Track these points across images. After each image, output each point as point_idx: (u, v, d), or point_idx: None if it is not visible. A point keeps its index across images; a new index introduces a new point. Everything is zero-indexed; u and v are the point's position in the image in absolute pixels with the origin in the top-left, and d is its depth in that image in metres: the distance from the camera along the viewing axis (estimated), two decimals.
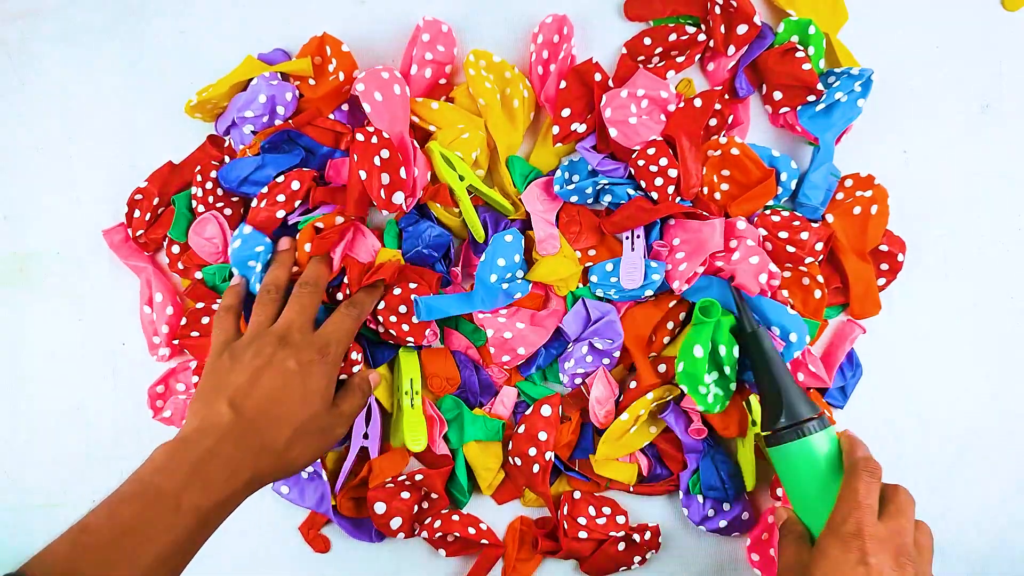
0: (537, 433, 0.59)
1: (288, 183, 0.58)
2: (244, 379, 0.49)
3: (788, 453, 0.53)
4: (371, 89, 0.57)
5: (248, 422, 0.47)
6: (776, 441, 0.53)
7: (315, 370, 0.50)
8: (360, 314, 0.55)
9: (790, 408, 0.53)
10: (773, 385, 0.54)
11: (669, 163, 0.57)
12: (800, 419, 0.52)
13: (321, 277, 0.56)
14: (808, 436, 0.52)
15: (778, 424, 0.53)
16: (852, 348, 0.61)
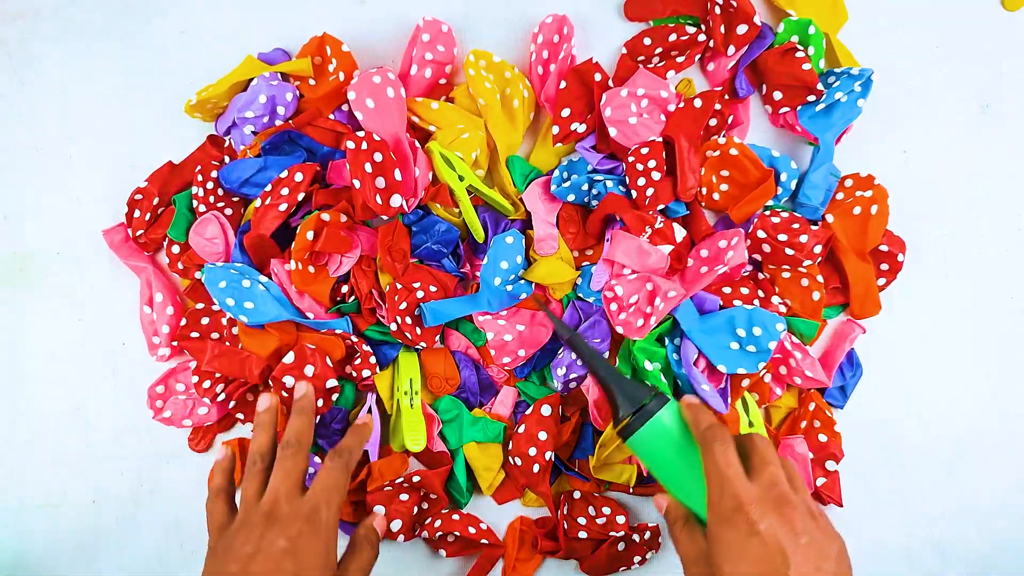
0: (537, 433, 0.59)
1: (292, 176, 0.58)
2: (236, 572, 0.47)
3: (641, 439, 0.52)
4: (362, 96, 0.58)
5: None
6: (628, 433, 0.52)
7: (307, 543, 0.48)
8: (348, 462, 0.53)
9: (626, 397, 0.53)
10: (604, 382, 0.54)
11: (658, 166, 0.57)
12: (639, 404, 0.52)
13: (303, 435, 0.53)
14: (653, 416, 0.51)
15: (620, 416, 0.53)
16: (852, 348, 0.61)
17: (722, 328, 0.57)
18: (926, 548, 0.62)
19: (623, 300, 0.57)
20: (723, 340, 0.57)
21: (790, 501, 0.45)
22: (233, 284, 0.57)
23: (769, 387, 0.59)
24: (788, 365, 0.59)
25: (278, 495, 0.49)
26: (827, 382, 0.59)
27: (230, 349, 0.60)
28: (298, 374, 0.57)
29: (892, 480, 0.60)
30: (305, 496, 0.50)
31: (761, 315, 0.56)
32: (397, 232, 0.59)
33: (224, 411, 0.63)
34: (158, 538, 0.65)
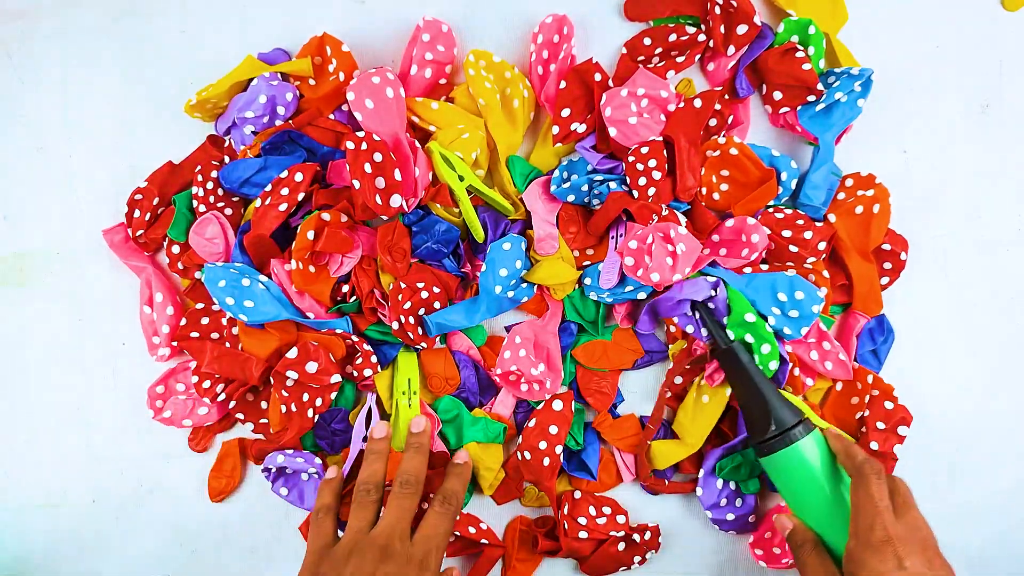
0: (548, 427, 0.59)
1: (292, 176, 0.58)
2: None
3: (782, 461, 0.54)
4: (361, 97, 0.58)
5: None
6: (767, 451, 0.54)
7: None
8: (456, 509, 0.54)
9: (778, 417, 0.54)
10: (757, 397, 0.55)
11: (658, 166, 0.57)
12: (787, 426, 0.53)
13: (420, 474, 0.54)
14: (797, 442, 0.53)
15: (768, 434, 0.54)
16: (883, 314, 0.61)
17: (764, 291, 0.57)
18: None
19: (641, 247, 0.56)
20: (765, 304, 0.57)
21: (932, 546, 0.49)
22: (233, 283, 0.57)
23: (800, 379, 0.59)
24: (821, 348, 0.59)
25: (393, 532, 0.50)
26: (850, 375, 0.60)
27: (230, 350, 0.60)
28: (301, 369, 0.57)
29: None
30: (415, 539, 0.51)
31: (802, 281, 0.57)
32: (397, 232, 0.59)
33: (224, 411, 0.63)
34: (158, 538, 0.65)
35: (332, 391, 0.59)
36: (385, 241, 0.59)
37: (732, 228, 0.58)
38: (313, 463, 0.60)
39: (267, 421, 0.62)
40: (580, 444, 0.61)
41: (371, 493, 0.53)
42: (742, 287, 0.57)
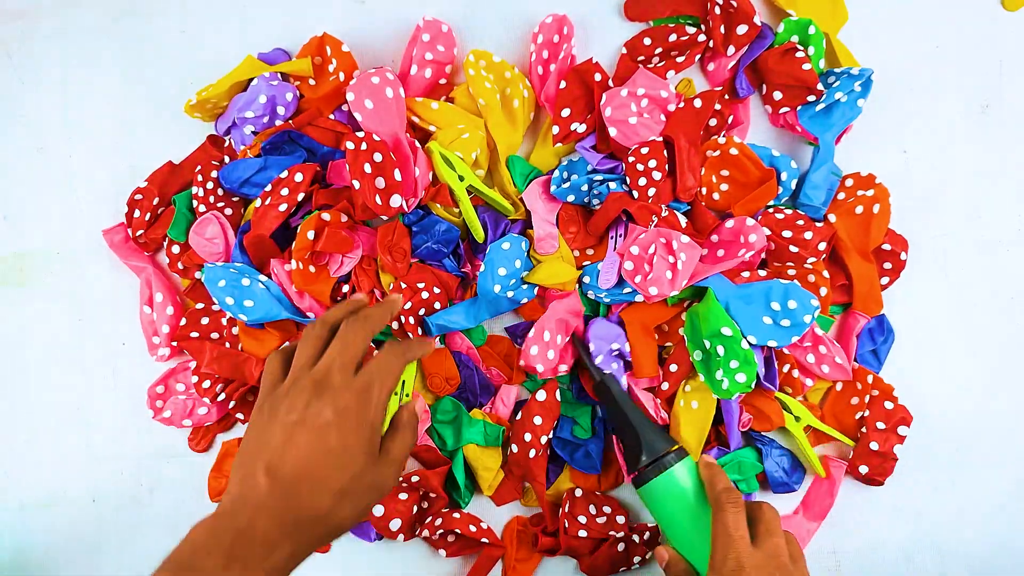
0: (533, 418, 0.59)
1: (292, 176, 0.58)
2: (279, 439, 0.44)
3: (654, 490, 0.54)
4: (361, 98, 0.58)
5: (285, 491, 0.43)
6: (642, 481, 0.55)
7: (355, 419, 0.45)
8: (406, 351, 0.49)
9: (649, 446, 0.55)
10: (629, 427, 0.56)
11: (658, 166, 0.57)
12: (659, 454, 0.54)
13: (374, 320, 0.49)
14: (669, 469, 0.54)
15: (640, 463, 0.55)
16: (883, 314, 0.61)
17: (757, 299, 0.57)
18: (926, 548, 0.62)
19: (643, 255, 0.56)
20: (757, 312, 0.57)
21: (788, 572, 0.49)
22: (233, 283, 0.57)
23: (799, 381, 0.59)
24: (818, 352, 0.59)
25: (332, 365, 0.46)
26: (849, 375, 0.60)
27: (229, 351, 0.60)
28: None
29: (892, 480, 0.60)
30: (358, 373, 0.46)
31: (797, 289, 0.56)
32: (397, 232, 0.59)
33: (224, 411, 0.63)
34: (158, 538, 0.65)
35: None
36: (385, 241, 0.59)
37: (731, 229, 0.58)
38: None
39: None
40: (589, 432, 0.61)
41: (316, 328, 0.48)
42: (734, 295, 0.57)
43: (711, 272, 0.57)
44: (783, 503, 0.62)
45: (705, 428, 0.59)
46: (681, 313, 0.60)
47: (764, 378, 0.58)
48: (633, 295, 0.58)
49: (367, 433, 0.45)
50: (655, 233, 0.57)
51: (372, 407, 0.45)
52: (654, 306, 0.59)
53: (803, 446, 0.59)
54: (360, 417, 0.45)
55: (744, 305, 0.57)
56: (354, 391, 0.45)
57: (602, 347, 0.58)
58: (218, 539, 0.42)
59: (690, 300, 0.60)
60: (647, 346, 0.59)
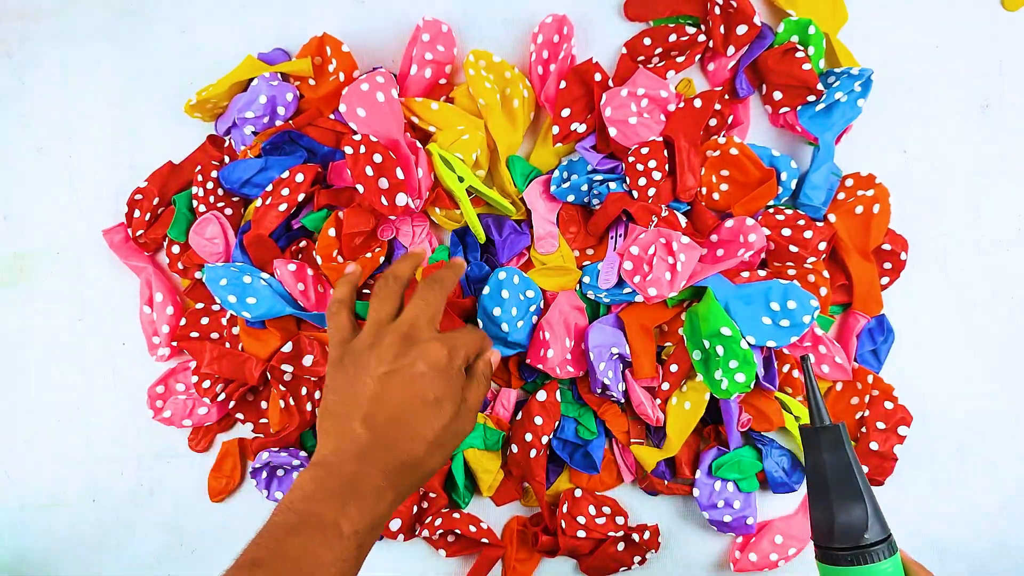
0: (533, 418, 0.59)
1: (292, 176, 0.59)
2: (372, 390, 0.45)
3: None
4: (352, 107, 0.58)
5: (385, 440, 0.44)
6: (835, 560, 0.44)
7: (445, 371, 0.46)
8: (448, 290, 0.51)
9: (880, 522, 0.44)
10: (856, 493, 0.44)
11: (658, 166, 0.57)
12: (881, 538, 0.44)
13: (449, 280, 0.51)
14: (878, 562, 0.43)
15: (863, 541, 0.43)
16: (883, 314, 0.61)
17: (757, 299, 0.57)
18: (926, 548, 0.61)
19: (643, 256, 0.56)
20: (756, 312, 0.57)
21: None
22: (234, 281, 0.57)
23: (799, 381, 0.59)
24: (818, 352, 0.59)
25: (418, 320, 0.47)
26: (849, 375, 0.60)
27: (229, 351, 0.60)
28: (297, 363, 0.57)
29: (892, 480, 0.60)
30: (444, 332, 0.48)
31: (796, 290, 0.56)
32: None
33: (224, 411, 0.63)
34: (158, 538, 0.65)
35: None
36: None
37: (731, 229, 0.58)
38: (298, 456, 0.60)
39: (267, 421, 0.62)
40: (594, 432, 0.61)
41: (390, 284, 0.50)
42: (733, 296, 0.57)
43: (711, 272, 0.57)
44: (783, 503, 0.62)
45: (689, 429, 0.59)
46: (681, 313, 0.60)
47: (764, 378, 0.58)
48: (633, 295, 0.58)
49: (457, 384, 0.47)
50: (655, 233, 0.57)
51: (459, 361, 0.48)
52: (653, 306, 0.59)
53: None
54: (450, 370, 0.47)
55: (743, 305, 0.57)
56: (444, 345, 0.47)
57: (602, 352, 0.58)
58: (327, 488, 0.43)
59: (690, 300, 0.60)
60: (646, 346, 0.59)
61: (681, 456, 0.60)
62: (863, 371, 0.60)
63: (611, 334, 0.59)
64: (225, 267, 0.58)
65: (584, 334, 0.60)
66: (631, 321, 0.59)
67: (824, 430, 0.46)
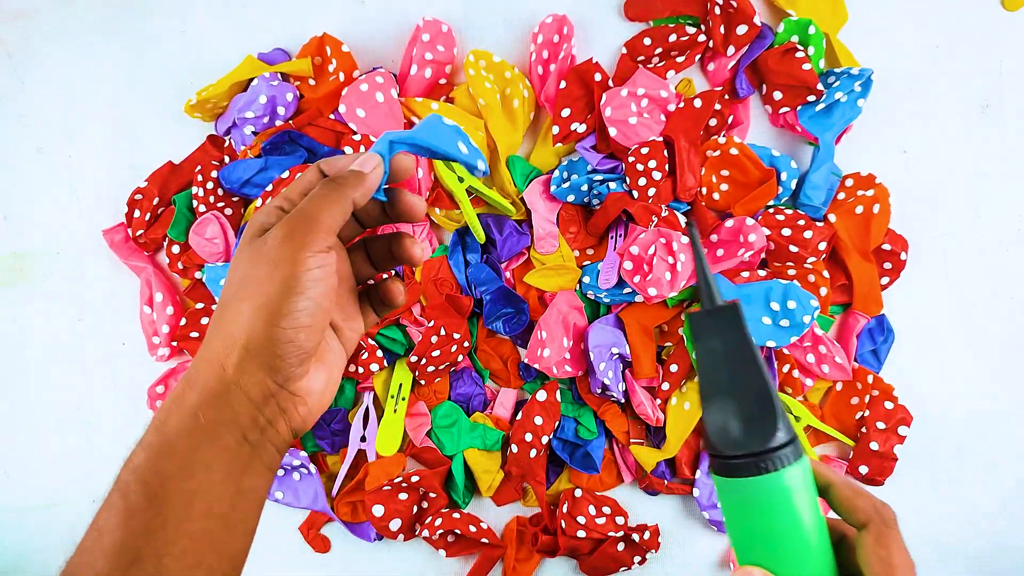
0: (533, 418, 0.59)
1: (292, 176, 0.59)
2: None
3: (750, 488, 0.36)
4: (352, 108, 0.58)
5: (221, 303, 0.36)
6: (732, 471, 0.36)
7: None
8: (343, 192, 0.36)
9: (786, 423, 0.36)
10: (762, 387, 0.36)
11: (658, 166, 0.57)
12: (787, 441, 0.36)
13: (350, 185, 0.36)
14: (785, 467, 0.35)
15: (774, 442, 0.35)
16: (883, 314, 0.61)
17: (757, 299, 0.57)
18: (926, 548, 0.61)
19: (642, 256, 0.56)
20: (756, 312, 0.57)
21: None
22: None
23: (799, 381, 0.59)
24: (817, 352, 0.59)
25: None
26: (849, 375, 0.60)
27: None
28: None
29: (892, 480, 0.60)
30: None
31: (796, 289, 0.56)
32: (443, 267, 0.60)
33: None
34: None
35: None
36: (431, 275, 0.60)
37: (731, 229, 0.58)
38: (298, 455, 0.60)
39: None
40: (594, 432, 0.61)
41: (309, 173, 0.38)
42: (734, 295, 0.57)
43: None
44: None
45: (688, 430, 0.59)
46: (680, 313, 0.60)
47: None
48: (633, 295, 0.58)
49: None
50: (655, 233, 0.57)
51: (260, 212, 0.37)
52: (653, 306, 0.59)
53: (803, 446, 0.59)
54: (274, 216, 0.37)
55: (743, 305, 0.57)
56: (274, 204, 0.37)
57: (602, 352, 0.58)
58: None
59: (689, 300, 0.60)
60: (646, 346, 0.59)
61: (681, 456, 0.60)
62: (863, 371, 0.60)
63: (611, 334, 0.59)
64: (225, 267, 0.58)
65: (584, 334, 0.60)
66: (631, 321, 0.59)
67: (718, 311, 0.37)
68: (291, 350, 0.34)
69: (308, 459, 0.61)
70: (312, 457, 0.62)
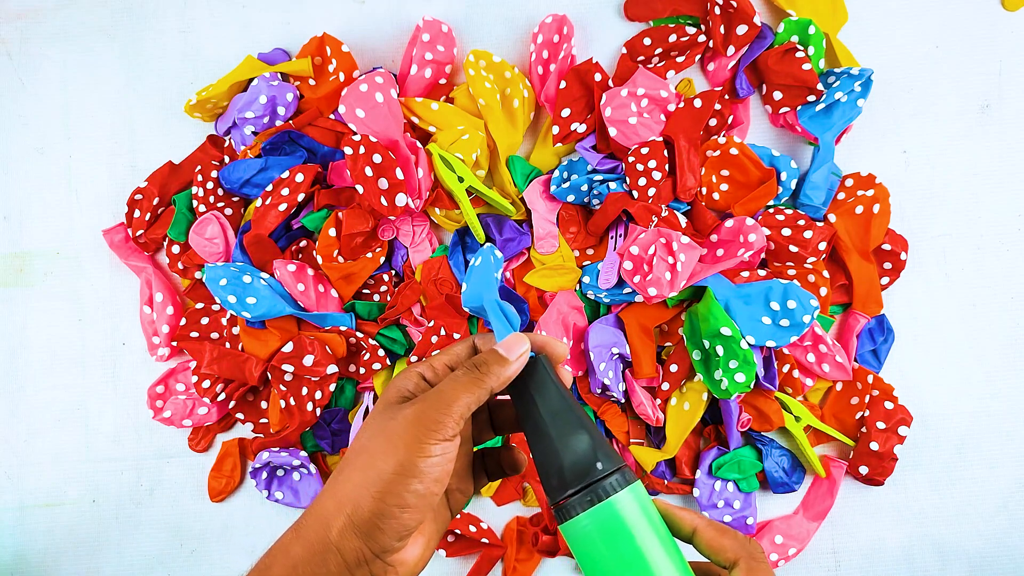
0: None
1: (292, 176, 0.59)
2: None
3: (599, 521, 0.35)
4: (352, 108, 0.58)
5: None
6: (567, 514, 0.36)
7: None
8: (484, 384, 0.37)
9: (605, 453, 0.36)
10: (575, 424, 0.36)
11: (658, 166, 0.57)
12: (611, 470, 0.36)
13: (494, 378, 0.37)
14: (614, 495, 0.35)
15: (591, 477, 0.35)
16: (883, 314, 0.61)
17: (757, 299, 0.57)
18: (926, 548, 0.62)
19: (642, 256, 0.56)
20: (756, 312, 0.57)
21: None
22: (234, 281, 0.57)
23: (799, 380, 0.60)
24: (817, 351, 0.59)
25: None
26: (849, 375, 0.60)
27: (229, 351, 0.60)
28: (297, 363, 0.57)
29: (892, 480, 0.60)
30: None
31: (796, 289, 0.56)
32: (443, 267, 0.60)
33: (224, 411, 0.63)
34: (158, 538, 0.65)
35: (330, 383, 0.59)
36: (430, 275, 0.60)
37: (731, 229, 0.58)
38: (298, 456, 0.60)
39: (267, 421, 0.62)
40: None
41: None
42: (733, 295, 0.57)
43: (711, 272, 0.57)
44: (783, 503, 0.62)
45: (687, 430, 0.59)
46: (681, 313, 0.60)
47: (763, 378, 0.58)
48: (633, 295, 0.58)
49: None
50: (655, 233, 0.57)
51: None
52: (653, 306, 0.59)
53: (803, 446, 0.59)
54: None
55: (743, 305, 0.57)
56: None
57: (602, 352, 0.58)
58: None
59: (690, 300, 0.60)
60: (646, 346, 0.59)
61: (681, 456, 0.60)
62: (863, 371, 0.60)
63: (611, 334, 0.59)
64: (225, 267, 0.58)
65: (584, 334, 0.60)
66: (631, 321, 0.59)
67: (540, 358, 0.38)
68: (394, 526, 0.34)
69: (308, 459, 0.61)
70: (312, 457, 0.62)
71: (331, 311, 0.61)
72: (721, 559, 0.37)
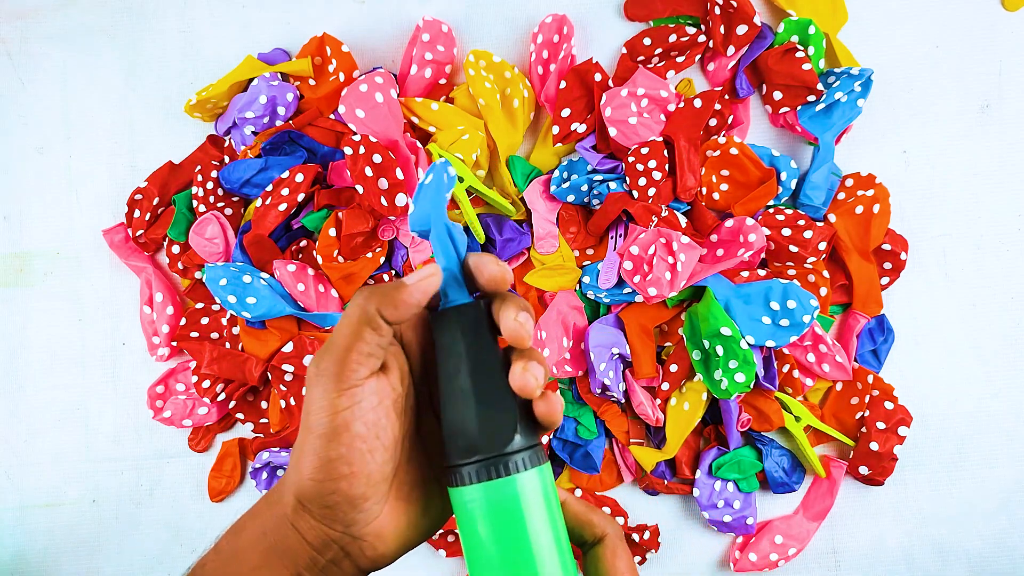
0: None
1: (292, 176, 0.59)
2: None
3: (480, 498, 0.33)
4: (351, 108, 0.58)
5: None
6: (462, 480, 0.33)
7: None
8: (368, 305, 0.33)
9: (525, 426, 0.33)
10: (503, 391, 0.33)
11: (658, 166, 0.57)
12: (525, 446, 0.33)
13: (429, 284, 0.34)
14: (518, 472, 0.33)
15: (508, 448, 0.33)
16: (883, 314, 0.61)
17: (757, 299, 0.57)
18: (926, 548, 0.62)
19: (642, 256, 0.56)
20: (756, 312, 0.57)
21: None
22: (234, 281, 0.57)
23: (799, 381, 0.60)
24: (817, 351, 0.59)
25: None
26: (849, 375, 0.60)
27: (229, 351, 0.60)
28: (297, 363, 0.57)
29: (892, 480, 0.60)
30: None
31: (796, 289, 0.56)
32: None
33: (224, 411, 0.63)
34: (158, 538, 0.65)
35: None
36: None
37: (731, 229, 0.58)
38: (281, 458, 0.60)
39: (267, 421, 0.62)
40: (594, 432, 0.61)
41: None
42: (733, 295, 0.57)
43: (711, 272, 0.57)
44: (783, 503, 0.62)
45: (687, 431, 0.59)
46: (681, 313, 0.60)
47: (763, 378, 0.58)
48: (633, 295, 0.58)
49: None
50: (655, 233, 0.57)
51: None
52: (653, 306, 0.59)
53: (803, 446, 0.59)
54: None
55: (743, 305, 0.57)
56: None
57: (602, 352, 0.58)
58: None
59: (689, 300, 0.60)
60: (646, 346, 0.59)
61: (681, 456, 0.60)
62: (863, 371, 0.60)
63: (611, 334, 0.59)
64: (225, 267, 0.58)
65: (583, 334, 0.60)
66: (631, 321, 0.59)
67: (462, 309, 0.34)
68: (337, 500, 0.31)
69: None
70: None
71: (331, 311, 0.61)
72: (588, 533, 0.36)
